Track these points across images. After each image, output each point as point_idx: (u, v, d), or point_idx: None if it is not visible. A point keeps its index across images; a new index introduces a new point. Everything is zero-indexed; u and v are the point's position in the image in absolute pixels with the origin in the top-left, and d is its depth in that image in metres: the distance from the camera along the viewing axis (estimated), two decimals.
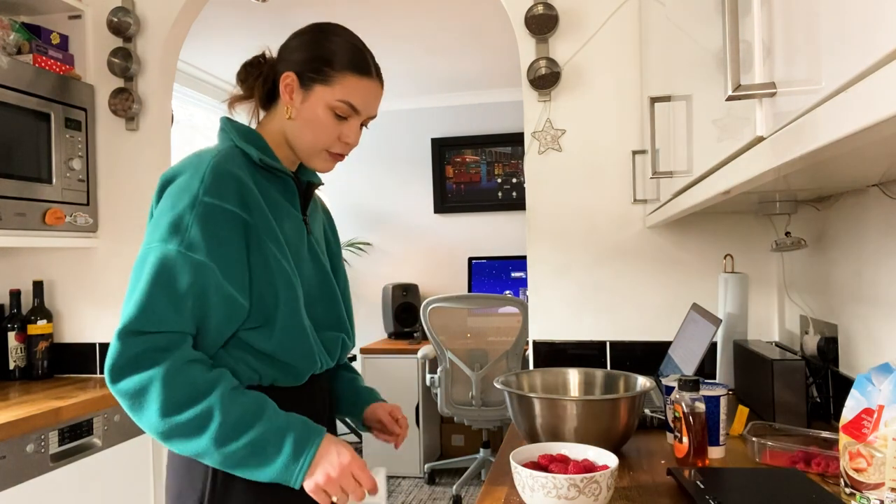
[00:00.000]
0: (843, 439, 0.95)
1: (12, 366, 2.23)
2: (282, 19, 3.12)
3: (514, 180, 4.43)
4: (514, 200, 4.41)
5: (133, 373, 0.99)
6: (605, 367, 2.05)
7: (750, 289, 1.98)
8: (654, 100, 1.40)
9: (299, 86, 1.14)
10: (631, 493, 1.12)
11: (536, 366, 2.09)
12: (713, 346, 1.85)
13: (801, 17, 0.58)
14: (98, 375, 2.31)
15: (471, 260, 4.36)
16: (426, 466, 3.78)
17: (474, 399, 3.41)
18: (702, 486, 1.06)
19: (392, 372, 3.85)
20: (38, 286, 2.28)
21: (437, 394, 3.50)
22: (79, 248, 2.34)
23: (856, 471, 0.93)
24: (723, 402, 1.30)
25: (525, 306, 3.26)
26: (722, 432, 1.30)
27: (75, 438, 1.90)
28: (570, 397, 1.28)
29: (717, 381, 1.78)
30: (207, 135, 4.15)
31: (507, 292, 4.22)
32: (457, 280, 4.50)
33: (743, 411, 1.44)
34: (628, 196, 2.04)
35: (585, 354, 2.07)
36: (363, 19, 3.14)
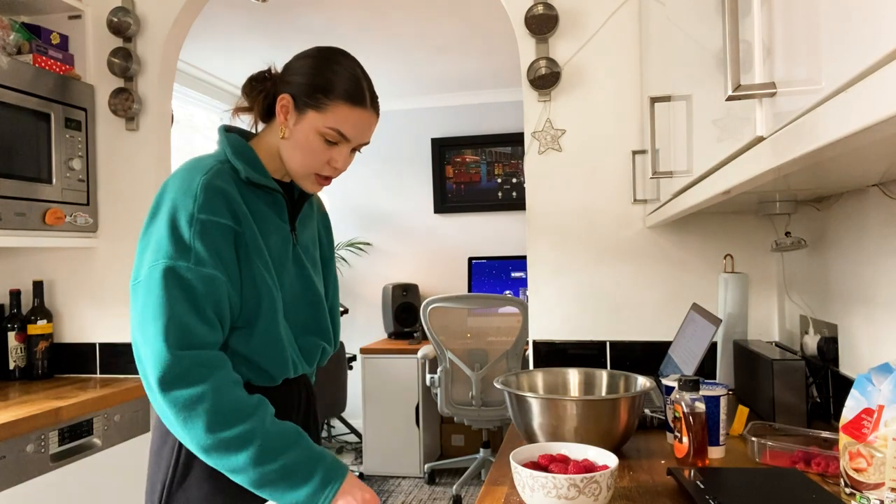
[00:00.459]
0: (843, 439, 0.95)
1: (12, 366, 2.23)
2: (282, 19, 3.12)
3: (514, 180, 4.43)
4: (514, 200, 4.41)
5: (185, 386, 1.03)
6: (606, 367, 2.05)
7: (750, 289, 1.98)
8: (654, 100, 1.40)
9: (294, 108, 1.18)
10: (631, 493, 1.12)
11: (536, 366, 2.09)
12: (713, 346, 1.85)
13: (801, 17, 0.58)
14: (98, 375, 2.31)
15: (471, 260, 4.36)
16: (426, 466, 3.78)
17: (474, 399, 3.41)
18: (702, 486, 1.06)
19: (392, 372, 3.85)
20: (38, 286, 2.28)
21: (437, 394, 3.50)
22: (79, 248, 2.34)
23: (856, 471, 0.93)
24: (723, 402, 1.30)
25: (525, 306, 3.26)
26: (722, 432, 1.30)
27: (75, 438, 1.90)
28: (569, 397, 1.28)
29: (717, 381, 1.78)
30: (207, 135, 4.15)
31: (507, 292, 4.22)
32: (457, 280, 4.50)
33: (743, 411, 1.44)
34: (628, 196, 2.04)
35: (585, 354, 2.07)
36: (363, 19, 3.14)
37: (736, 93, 0.66)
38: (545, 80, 2.04)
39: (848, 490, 0.95)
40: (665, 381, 1.38)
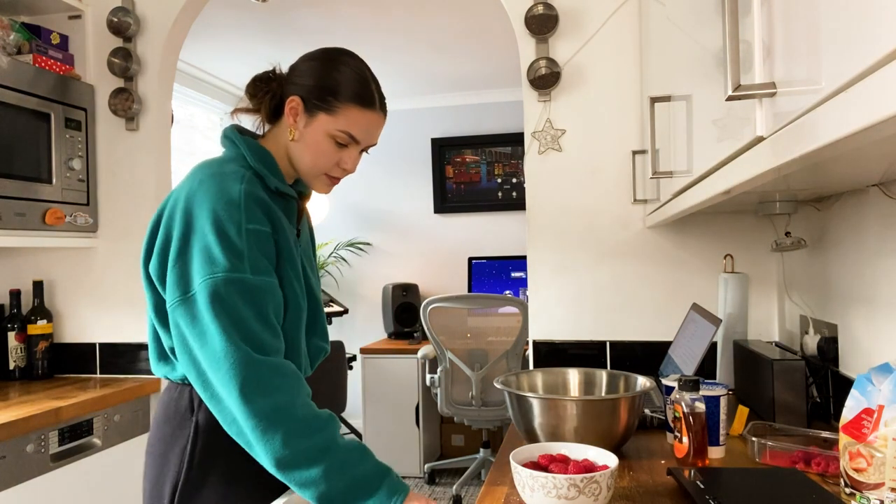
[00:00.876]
0: (843, 439, 0.95)
1: (12, 366, 2.23)
2: (282, 19, 3.12)
3: (514, 180, 4.43)
4: (514, 200, 4.41)
5: (264, 395, 1.01)
6: (606, 367, 2.05)
7: (750, 289, 1.98)
8: (654, 100, 1.40)
9: (304, 110, 1.18)
10: (631, 493, 1.12)
11: (536, 366, 2.09)
12: (713, 346, 1.85)
13: (801, 17, 0.58)
14: (98, 375, 2.31)
15: (471, 260, 4.36)
16: (426, 466, 3.78)
17: (474, 399, 3.41)
18: (702, 486, 1.06)
19: (392, 372, 3.85)
20: (38, 286, 2.28)
21: (437, 394, 3.50)
22: (79, 248, 2.34)
23: (856, 471, 0.93)
24: (723, 402, 1.30)
25: (525, 306, 3.26)
26: (722, 432, 1.30)
27: (75, 438, 1.90)
28: (569, 397, 1.28)
29: (717, 381, 1.78)
30: (207, 135, 4.15)
31: (507, 292, 4.22)
32: (457, 280, 4.50)
33: (743, 411, 1.44)
34: (628, 196, 2.04)
35: (585, 354, 2.07)
36: (363, 19, 3.14)
37: (736, 93, 0.66)
38: (545, 80, 2.04)
39: (848, 490, 0.95)
40: (665, 381, 1.38)
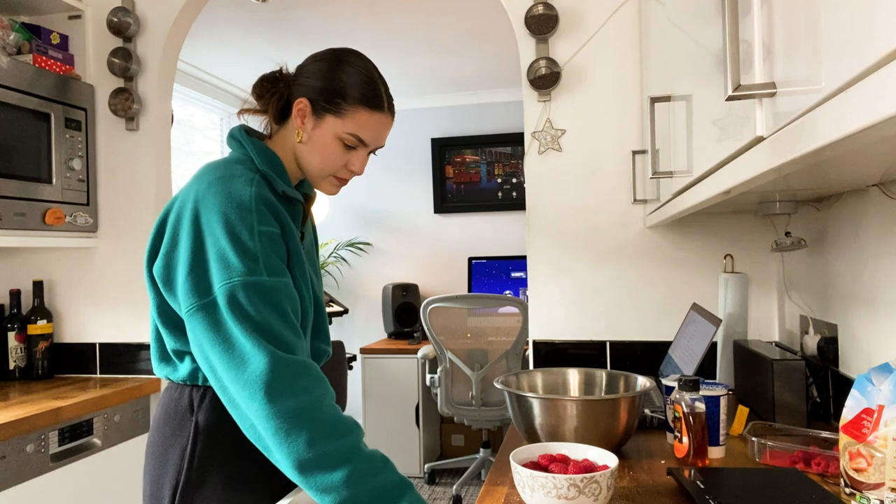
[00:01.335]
0: (843, 439, 0.95)
1: (12, 366, 2.23)
2: (282, 19, 3.12)
3: (514, 180, 4.43)
4: (514, 200, 4.41)
5: (290, 395, 0.99)
6: (606, 367, 2.05)
7: (750, 289, 1.98)
8: (654, 100, 1.40)
9: (311, 112, 1.17)
10: (631, 493, 1.12)
11: (536, 366, 2.09)
12: (713, 346, 1.85)
13: (801, 17, 0.58)
14: (98, 375, 2.31)
15: (471, 260, 4.36)
16: (426, 466, 3.78)
17: (474, 399, 3.41)
18: (702, 486, 1.06)
19: (392, 372, 3.85)
20: (38, 286, 2.28)
21: (437, 394, 3.50)
22: (79, 248, 2.34)
23: (856, 471, 0.93)
24: (723, 402, 1.30)
25: (525, 306, 3.26)
26: (722, 432, 1.30)
27: (75, 438, 1.90)
28: (569, 397, 1.28)
29: (717, 381, 1.78)
30: (207, 135, 4.15)
31: (507, 292, 4.22)
32: (457, 280, 4.50)
33: (743, 411, 1.44)
34: (628, 196, 2.04)
35: (585, 354, 2.07)
36: (363, 19, 3.14)
37: (736, 93, 0.66)
38: (545, 80, 2.04)
39: (848, 490, 0.95)
40: (665, 381, 1.38)
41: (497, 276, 4.29)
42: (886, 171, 0.96)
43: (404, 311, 4.19)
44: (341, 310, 4.03)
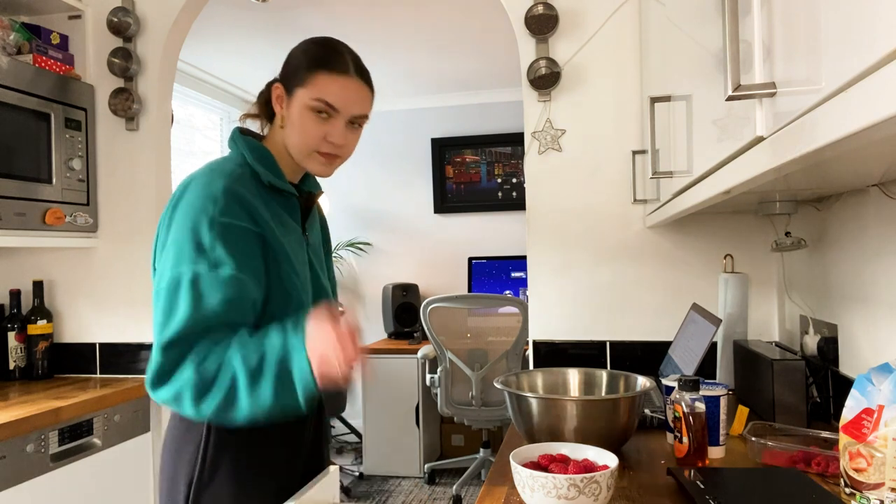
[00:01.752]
0: (843, 439, 0.95)
1: (12, 366, 2.23)
2: (282, 19, 3.12)
3: (514, 180, 4.43)
4: (514, 200, 4.41)
5: (169, 382, 1.05)
6: (606, 367, 2.04)
7: (750, 289, 1.98)
8: (654, 100, 1.40)
9: (285, 93, 1.20)
10: (631, 493, 1.12)
11: (536, 366, 2.09)
12: (713, 346, 1.85)
13: (801, 17, 0.58)
14: (98, 375, 2.31)
15: (471, 260, 4.36)
16: (426, 466, 3.78)
17: (474, 399, 3.41)
18: (702, 486, 1.06)
19: (392, 372, 3.84)
20: (38, 286, 2.28)
21: (437, 394, 3.50)
22: (79, 248, 2.34)
23: (856, 471, 0.93)
24: (723, 402, 1.30)
25: (525, 306, 3.26)
26: (722, 432, 1.30)
27: (75, 438, 1.90)
28: (569, 397, 1.28)
29: (717, 381, 1.78)
30: (207, 135, 4.15)
31: (507, 292, 4.22)
32: (457, 280, 4.50)
33: (743, 411, 1.44)
34: (628, 196, 2.04)
35: (585, 354, 2.07)
36: (363, 19, 3.14)
37: (736, 93, 0.66)
38: (545, 80, 2.04)
39: (848, 490, 0.95)
40: (665, 381, 1.38)
41: (497, 276, 4.29)
42: (886, 171, 0.96)
43: (404, 311, 4.19)
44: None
